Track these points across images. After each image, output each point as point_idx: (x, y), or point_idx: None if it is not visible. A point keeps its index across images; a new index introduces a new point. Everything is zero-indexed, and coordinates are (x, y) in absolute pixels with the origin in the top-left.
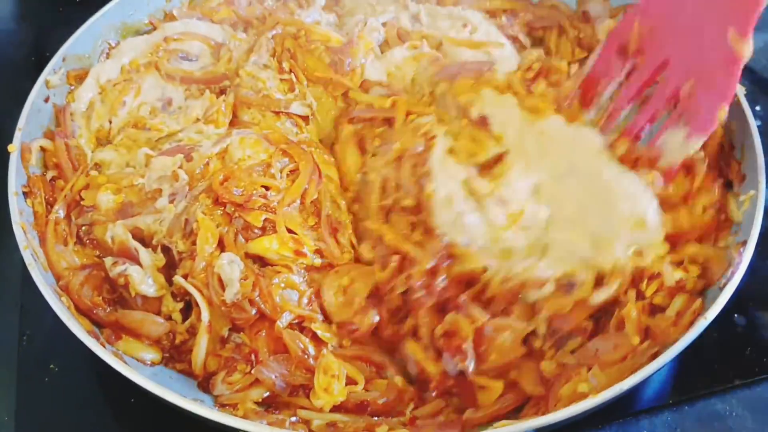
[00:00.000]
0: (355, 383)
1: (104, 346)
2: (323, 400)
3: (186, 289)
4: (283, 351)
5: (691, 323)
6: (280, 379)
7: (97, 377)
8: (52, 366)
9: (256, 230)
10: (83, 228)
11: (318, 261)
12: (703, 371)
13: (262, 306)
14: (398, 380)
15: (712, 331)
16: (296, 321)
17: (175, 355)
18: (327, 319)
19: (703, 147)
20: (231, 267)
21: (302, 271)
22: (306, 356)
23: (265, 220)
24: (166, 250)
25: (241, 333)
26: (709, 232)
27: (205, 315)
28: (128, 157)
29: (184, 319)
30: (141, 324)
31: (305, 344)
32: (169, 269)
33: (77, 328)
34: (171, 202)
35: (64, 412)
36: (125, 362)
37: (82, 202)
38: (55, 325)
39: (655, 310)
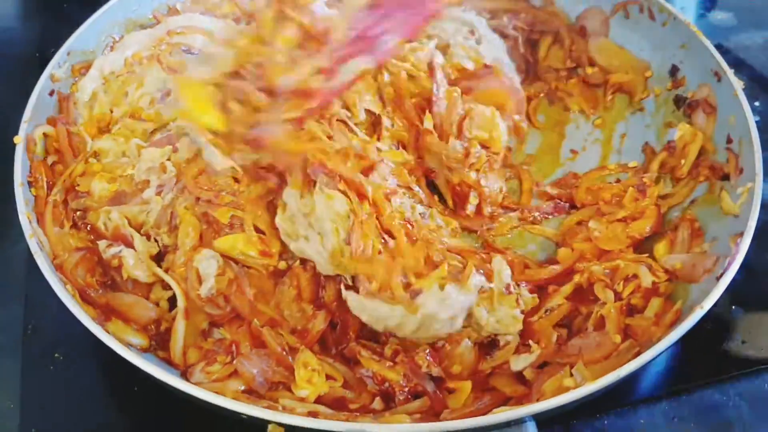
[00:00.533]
0: (335, 379)
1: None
2: (307, 389)
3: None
4: (264, 347)
5: (674, 322)
6: (260, 374)
7: (101, 366)
8: (56, 355)
9: (225, 228)
10: (78, 213)
11: (283, 264)
12: (701, 362)
13: (237, 304)
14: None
15: (710, 323)
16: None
17: (159, 342)
18: None
19: (684, 154)
20: (208, 263)
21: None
22: (285, 353)
23: (233, 217)
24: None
25: (221, 328)
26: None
27: (181, 302)
28: (125, 147)
29: (171, 309)
30: (131, 307)
31: (283, 342)
32: (159, 260)
33: (82, 315)
34: (158, 194)
35: (69, 401)
36: (130, 349)
37: (77, 188)
38: (59, 314)
39: (632, 311)
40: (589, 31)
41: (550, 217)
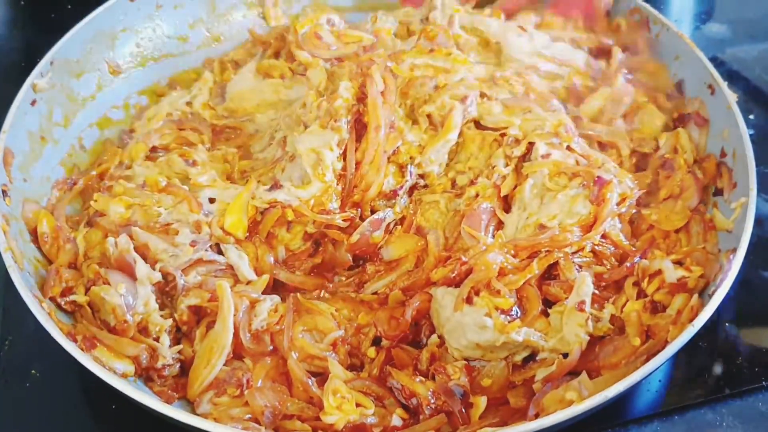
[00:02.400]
0: (365, 407)
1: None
2: (336, 416)
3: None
4: (282, 381)
5: (690, 320)
6: (269, 410)
7: (78, 382)
8: (33, 371)
9: None
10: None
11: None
12: (693, 381)
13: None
14: (398, 412)
15: (703, 340)
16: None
17: (154, 376)
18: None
19: (704, 171)
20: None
21: None
22: (309, 385)
23: None
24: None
25: (244, 359)
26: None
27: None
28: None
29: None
30: (117, 343)
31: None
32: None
33: (57, 333)
34: (192, 245)
35: (46, 417)
36: (106, 368)
37: (93, 204)
38: (37, 330)
39: (656, 309)
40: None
41: None
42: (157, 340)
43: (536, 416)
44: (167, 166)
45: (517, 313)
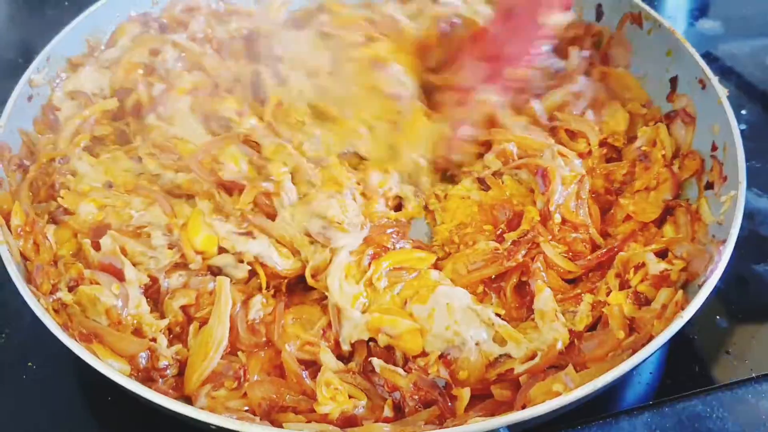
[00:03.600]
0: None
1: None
2: (330, 406)
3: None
4: (276, 374)
5: (675, 315)
6: (266, 402)
7: (75, 375)
8: (30, 364)
9: None
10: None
11: None
12: (684, 372)
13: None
14: (389, 403)
15: (694, 333)
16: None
17: (155, 376)
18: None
19: (682, 166)
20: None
21: None
22: (302, 377)
23: None
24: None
25: (239, 353)
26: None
27: (222, 332)
28: (107, 177)
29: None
30: (119, 339)
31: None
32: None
33: (54, 326)
34: (170, 248)
35: (42, 410)
36: (101, 358)
37: (60, 201)
38: (33, 323)
39: (641, 301)
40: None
41: None
42: (153, 341)
43: (523, 407)
44: (113, 164)
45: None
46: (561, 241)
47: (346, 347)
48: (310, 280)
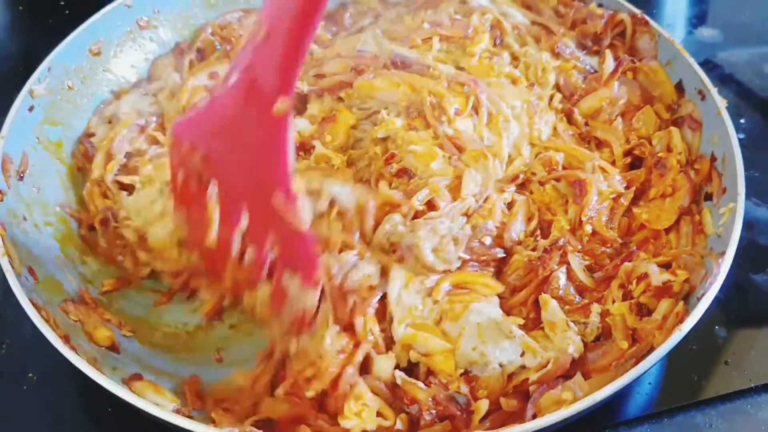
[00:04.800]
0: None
1: (75, 351)
2: (354, 422)
3: None
4: None
5: (674, 326)
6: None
7: (75, 387)
8: (30, 375)
9: None
10: None
11: None
12: (683, 383)
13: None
14: (402, 417)
15: (693, 343)
16: None
17: None
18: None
19: (696, 172)
20: None
21: None
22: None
23: None
24: None
25: None
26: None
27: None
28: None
29: None
30: None
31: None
32: None
33: (54, 338)
34: None
35: (42, 421)
36: (102, 372)
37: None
38: (34, 334)
39: (642, 312)
40: None
41: None
42: None
43: (534, 417)
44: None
45: None
46: (588, 253)
47: None
48: None
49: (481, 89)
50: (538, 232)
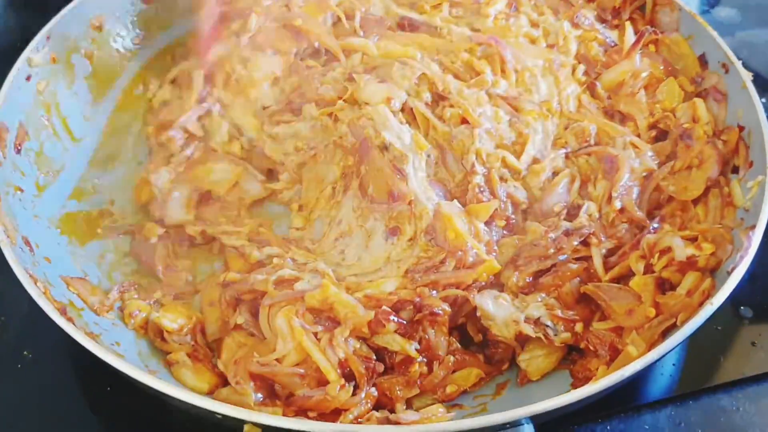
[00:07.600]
0: None
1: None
2: None
3: None
4: None
5: (701, 303)
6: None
7: (72, 364)
8: (26, 352)
9: None
10: None
11: None
12: (708, 364)
13: None
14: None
15: (718, 323)
16: None
17: None
18: None
19: (724, 143)
20: None
21: None
22: None
23: None
24: None
25: None
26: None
27: None
28: None
29: None
30: None
31: None
32: None
33: (51, 310)
34: None
35: (38, 399)
36: (100, 344)
37: None
38: (30, 311)
39: (665, 287)
40: None
41: None
42: None
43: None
44: None
45: None
46: (612, 237)
47: None
48: None
49: (502, 47)
50: (564, 211)
